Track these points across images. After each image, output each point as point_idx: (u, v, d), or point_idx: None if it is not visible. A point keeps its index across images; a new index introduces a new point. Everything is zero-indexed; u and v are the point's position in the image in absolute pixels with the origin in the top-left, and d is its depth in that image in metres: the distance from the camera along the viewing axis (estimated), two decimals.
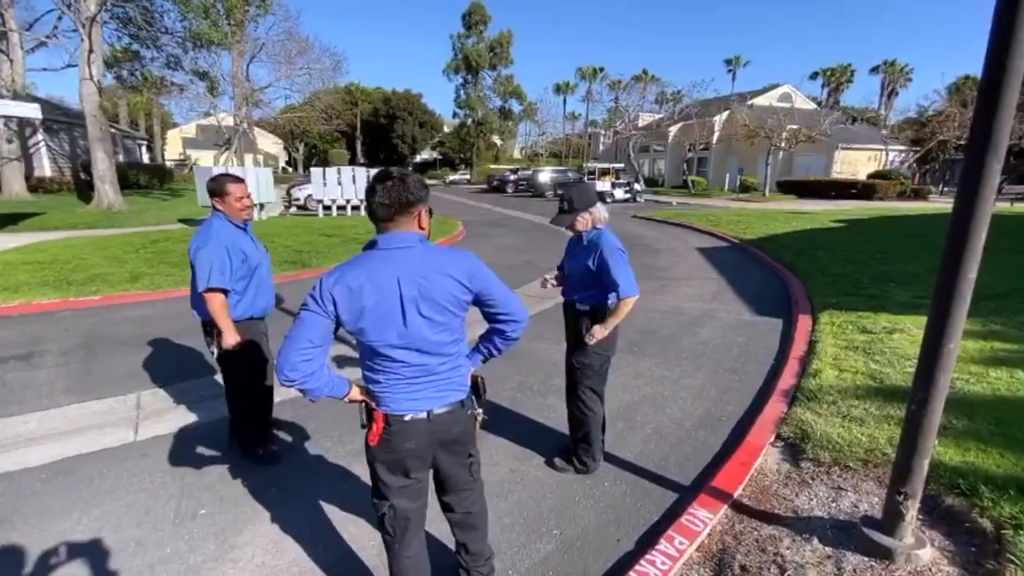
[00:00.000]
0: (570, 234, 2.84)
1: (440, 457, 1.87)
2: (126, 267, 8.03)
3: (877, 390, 3.77)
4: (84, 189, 20.04)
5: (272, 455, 3.15)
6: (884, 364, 4.22)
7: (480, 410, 1.92)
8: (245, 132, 26.28)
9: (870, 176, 28.15)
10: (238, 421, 3.14)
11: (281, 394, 3.93)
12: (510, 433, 3.46)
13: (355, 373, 4.25)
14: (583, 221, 2.64)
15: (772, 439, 3.30)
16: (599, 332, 2.64)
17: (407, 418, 1.75)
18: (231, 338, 2.83)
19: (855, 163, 30.38)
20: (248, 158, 32.51)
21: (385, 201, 1.65)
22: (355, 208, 17.23)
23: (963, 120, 27.97)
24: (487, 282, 1.76)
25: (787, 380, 4.12)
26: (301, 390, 1.66)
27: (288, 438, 3.40)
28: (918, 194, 26.73)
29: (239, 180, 2.90)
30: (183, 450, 3.24)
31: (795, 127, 27.93)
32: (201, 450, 3.25)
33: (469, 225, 15.30)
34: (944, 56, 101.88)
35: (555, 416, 3.67)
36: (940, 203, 24.85)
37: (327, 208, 17.05)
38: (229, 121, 27.12)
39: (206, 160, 41.04)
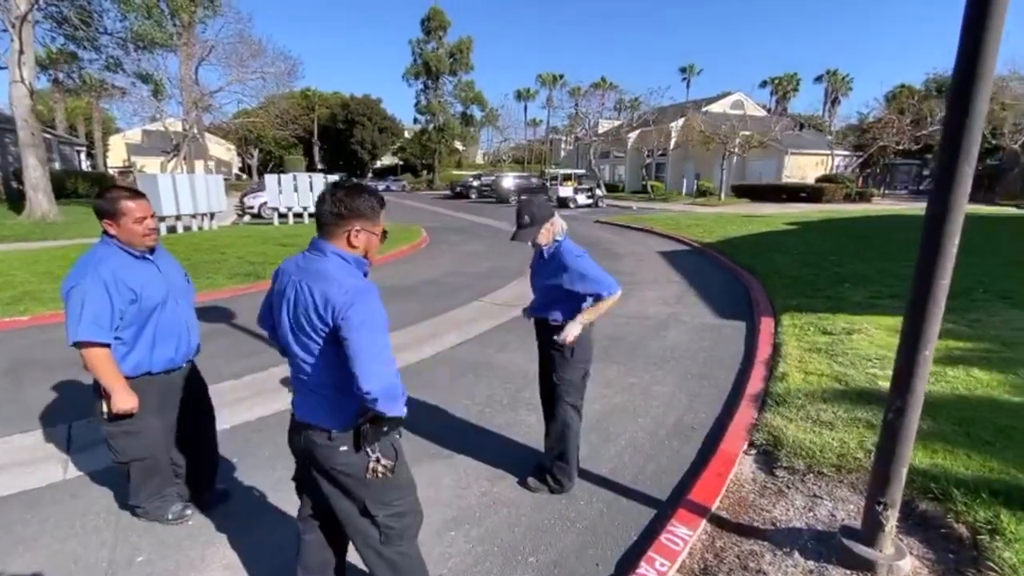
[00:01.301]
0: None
1: (322, 486, 1.78)
2: (59, 283, 7.44)
3: (843, 392, 3.80)
4: (16, 199, 18.70)
5: (220, 495, 2.84)
6: (847, 366, 4.28)
7: (375, 457, 1.71)
8: (195, 137, 25.17)
9: (818, 180, 29.42)
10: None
11: (224, 423, 3.64)
12: (480, 452, 3.30)
13: None
14: (545, 233, 2.57)
15: (745, 447, 3.26)
16: (572, 329, 2.55)
17: (293, 412, 1.82)
18: (123, 401, 2.25)
19: (804, 167, 31.70)
20: (199, 164, 31.15)
21: (323, 208, 1.69)
22: (312, 216, 16.73)
23: (900, 126, 29.67)
24: (348, 324, 1.57)
25: (755, 384, 4.12)
26: None
27: (232, 472, 3.13)
28: (862, 196, 28.09)
29: (138, 195, 2.31)
30: (119, 489, 2.93)
31: (748, 133, 28.92)
32: None
33: (432, 232, 15.08)
34: (880, 66, 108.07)
35: (527, 431, 3.54)
36: (883, 205, 26.16)
37: (283, 216, 16.49)
38: (177, 126, 25.92)
39: (153, 167, 39.12)
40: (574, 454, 2.81)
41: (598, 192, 26.56)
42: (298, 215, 16.67)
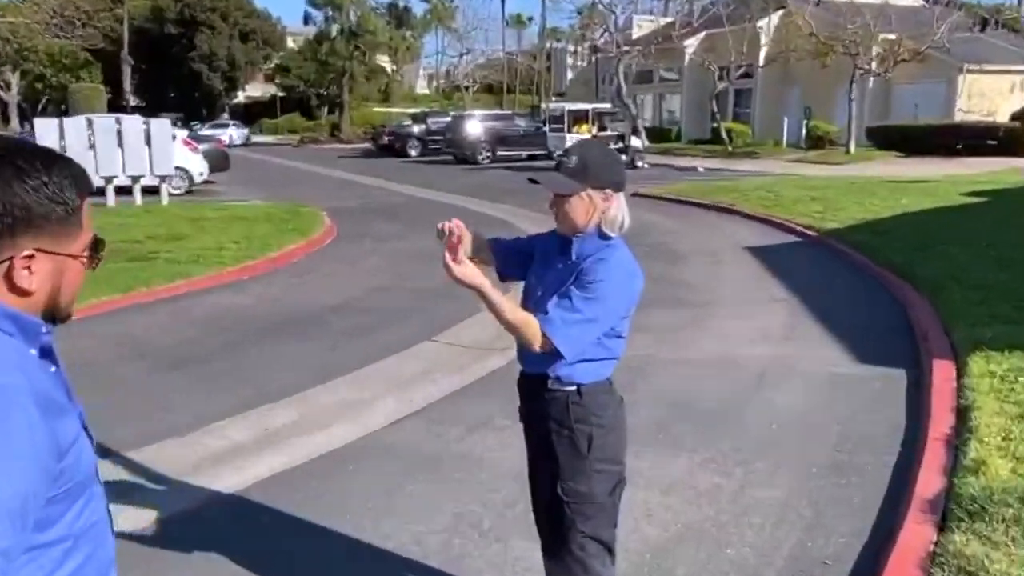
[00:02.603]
0: (532, 230, 2.71)
1: None
2: None
3: None
4: None
5: None
6: None
7: None
8: None
9: (1014, 116, 30.09)
10: None
11: None
12: None
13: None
14: (584, 206, 2.46)
15: None
16: (467, 272, 2.28)
17: None
18: None
19: (991, 95, 32.38)
20: None
21: None
22: (126, 192, 16.58)
23: None
24: None
25: (930, 482, 4.15)
26: None
27: None
28: None
29: None
30: None
31: (892, 36, 29.57)
32: None
33: (344, 217, 15.08)
34: None
35: None
36: None
37: None
38: None
39: None
40: None
41: (634, 142, 26.90)
42: (98, 191, 16.48)
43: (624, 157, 25.56)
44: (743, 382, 5.97)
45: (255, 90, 66.57)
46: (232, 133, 48.29)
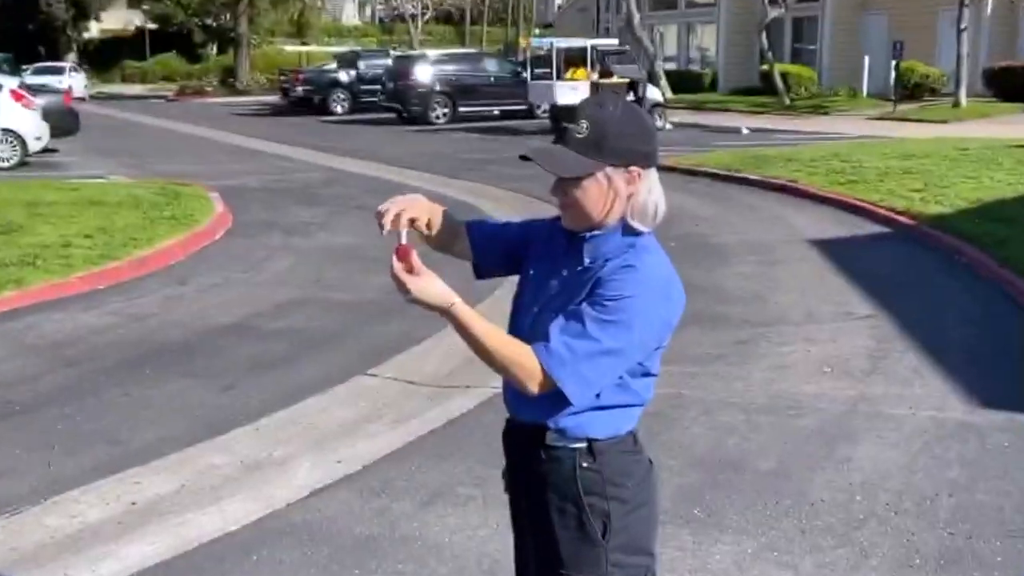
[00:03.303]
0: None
1: None
2: None
3: None
4: None
5: None
6: None
7: None
8: None
9: None
10: None
11: None
12: None
13: None
14: (603, 190, 2.38)
15: None
16: (427, 286, 2.19)
17: None
18: None
19: None
20: None
21: None
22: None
23: None
24: None
25: None
26: None
27: None
28: None
29: None
30: None
31: None
32: None
33: (238, 199, 15.14)
34: None
35: None
36: None
37: None
38: None
39: None
40: None
41: (651, 93, 26.95)
42: None
43: None
44: (811, 433, 5.94)
45: (114, 20, 66.12)
46: (70, 81, 46.89)
